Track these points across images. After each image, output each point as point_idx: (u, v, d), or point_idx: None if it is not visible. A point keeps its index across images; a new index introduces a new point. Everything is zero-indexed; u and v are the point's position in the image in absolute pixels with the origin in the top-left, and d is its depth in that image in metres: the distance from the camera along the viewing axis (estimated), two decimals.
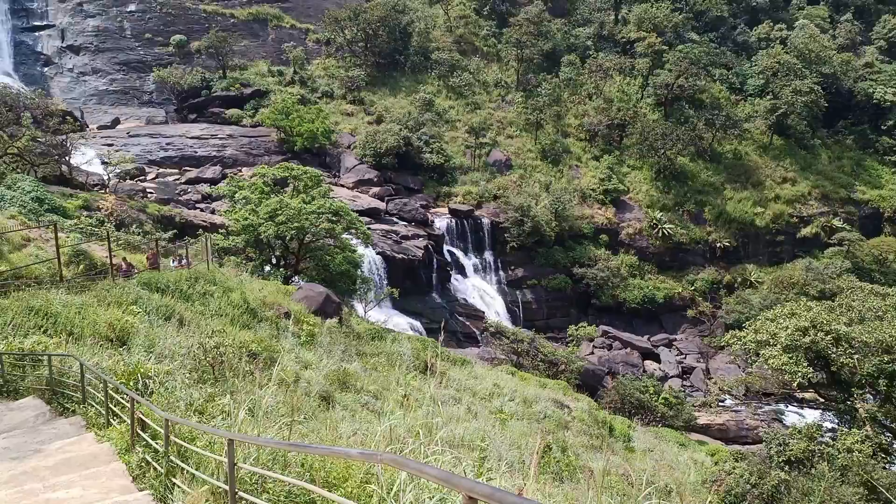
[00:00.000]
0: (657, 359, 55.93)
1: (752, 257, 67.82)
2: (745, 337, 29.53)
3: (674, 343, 59.13)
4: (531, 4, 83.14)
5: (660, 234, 64.41)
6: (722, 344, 55.93)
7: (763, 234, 68.51)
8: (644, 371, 52.48)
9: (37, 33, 73.88)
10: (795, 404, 38.38)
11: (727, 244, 66.09)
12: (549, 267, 61.19)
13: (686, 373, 54.67)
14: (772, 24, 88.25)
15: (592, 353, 54.42)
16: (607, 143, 73.12)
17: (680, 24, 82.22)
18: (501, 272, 61.11)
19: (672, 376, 53.29)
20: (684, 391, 50.41)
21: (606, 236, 64.05)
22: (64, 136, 46.22)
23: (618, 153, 72.15)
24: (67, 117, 55.02)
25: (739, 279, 64.96)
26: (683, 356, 57.17)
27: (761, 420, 45.56)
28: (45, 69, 73.17)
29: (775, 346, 26.71)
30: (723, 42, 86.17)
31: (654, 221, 64.97)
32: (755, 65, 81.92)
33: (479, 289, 59.10)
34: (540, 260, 61.18)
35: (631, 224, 65.60)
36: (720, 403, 48.63)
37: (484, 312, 55.91)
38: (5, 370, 12.18)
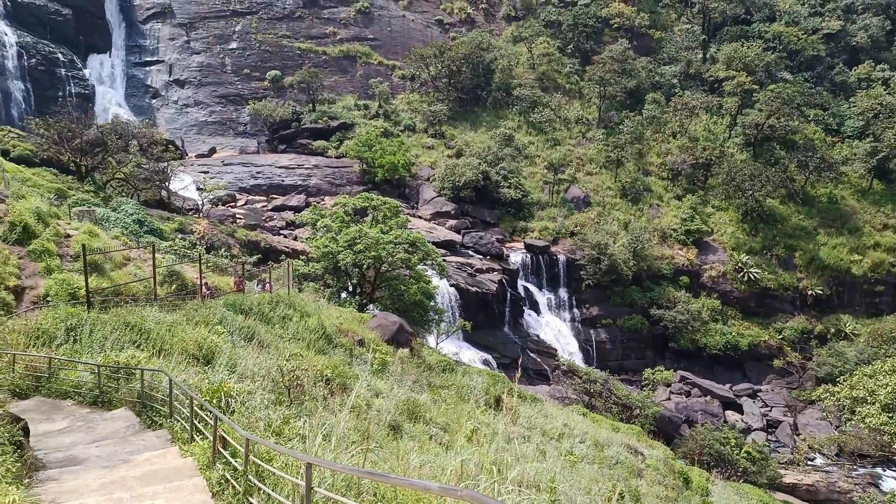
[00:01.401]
0: (739, 409, 53.04)
1: (848, 307, 63.57)
2: (839, 392, 27.67)
3: (758, 394, 55.95)
4: (616, 43, 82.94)
5: (745, 278, 61.61)
6: (812, 398, 52.75)
7: (860, 283, 64.16)
8: (725, 421, 49.85)
9: (147, 68, 79.89)
10: (895, 468, 35.39)
11: (819, 292, 62.38)
12: (626, 307, 59.63)
13: (771, 426, 51.50)
14: (873, 63, 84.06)
15: (669, 398, 52.27)
16: (691, 183, 71.16)
17: (772, 64, 79.73)
18: (575, 310, 60.04)
19: (755, 429, 50.32)
20: (769, 446, 47.42)
21: (687, 278, 61.87)
22: (165, 164, 49.41)
23: (702, 193, 70.00)
24: (170, 146, 58.97)
25: (832, 330, 60.98)
26: (768, 408, 53.95)
27: (855, 483, 42.14)
28: (153, 101, 78.78)
29: (874, 404, 24.89)
30: (819, 82, 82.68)
31: (740, 265, 62.28)
32: (854, 106, 78.11)
33: (552, 326, 58.22)
34: (616, 299, 59.75)
35: (714, 266, 63.09)
36: (809, 462, 45.47)
37: (556, 350, 54.94)
38: (102, 382, 12.96)
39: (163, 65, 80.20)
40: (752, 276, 61.35)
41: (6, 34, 67.90)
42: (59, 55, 71.42)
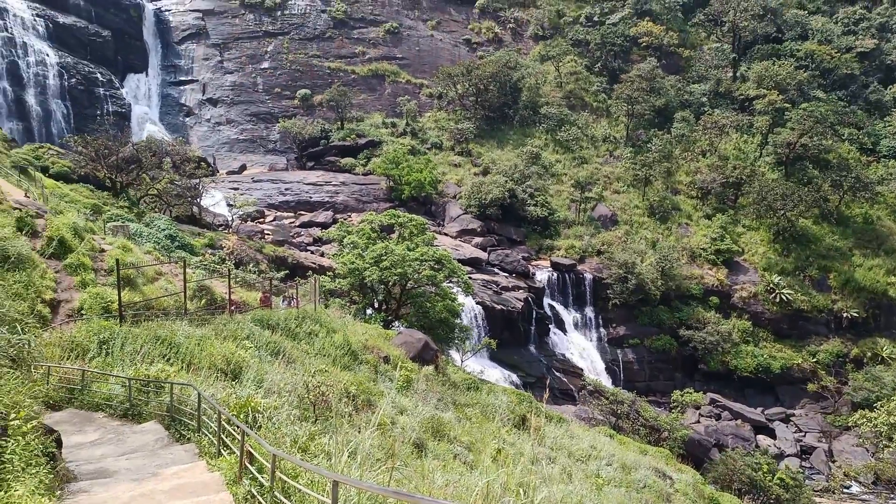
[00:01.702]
0: (772, 434, 51.70)
1: (885, 330, 61.71)
2: (876, 418, 26.82)
3: (791, 418, 54.50)
4: (644, 61, 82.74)
5: (777, 300, 60.32)
6: (848, 424, 51.20)
7: None
8: (756, 446, 48.57)
9: (182, 87, 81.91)
10: None
11: (855, 314, 60.76)
12: (653, 327, 58.79)
13: (805, 452, 50.06)
14: None
15: (698, 421, 51.20)
16: (721, 202, 70.24)
17: (805, 82, 78.70)
18: (602, 329, 59.37)
19: (788, 455, 48.96)
20: (803, 472, 46.04)
21: (717, 298, 60.83)
22: (197, 180, 50.42)
23: (732, 212, 69.01)
24: (202, 163, 60.24)
25: (869, 354, 59.22)
26: (802, 433, 52.49)
27: None
28: (187, 119, 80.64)
29: None
30: (853, 101, 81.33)
31: (772, 285, 61.04)
32: (889, 125, 76.66)
33: (579, 345, 57.63)
34: (643, 319, 58.97)
35: (745, 287, 61.89)
36: (845, 490, 44.05)
37: (582, 370, 54.31)
38: (132, 395, 13.17)
39: (196, 84, 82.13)
40: (784, 298, 60.06)
41: (48, 55, 70.27)
42: (98, 75, 73.63)
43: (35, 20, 71.46)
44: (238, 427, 8.74)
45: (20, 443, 7.08)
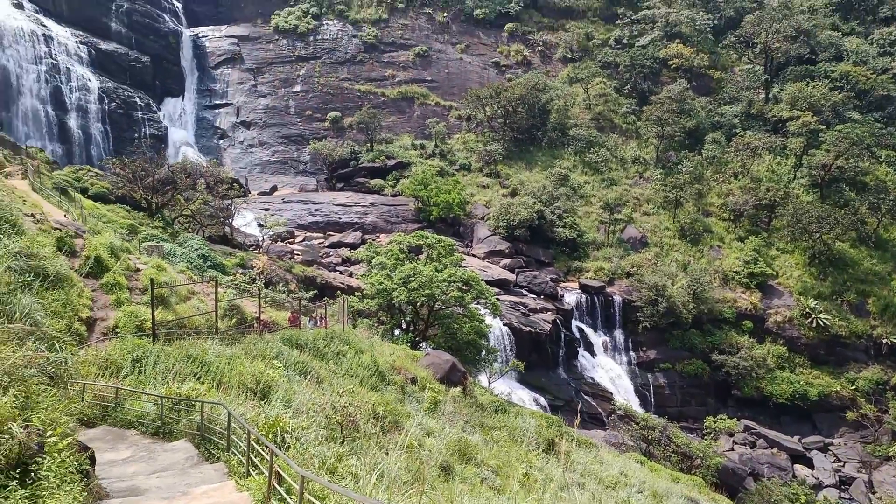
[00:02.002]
0: (809, 464, 50.09)
1: None
2: None
3: (829, 448, 52.76)
4: (674, 83, 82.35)
5: (814, 325, 58.72)
6: (889, 454, 49.42)
7: None
8: (793, 476, 47.10)
9: (216, 110, 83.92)
10: None
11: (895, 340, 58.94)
12: (685, 351, 57.71)
13: (844, 483, 48.33)
14: None
15: (732, 449, 49.89)
16: (753, 224, 69.05)
17: (839, 103, 77.42)
18: (632, 352, 58.47)
19: (827, 485, 47.33)
20: None
21: (750, 322, 59.51)
22: (230, 201, 51.38)
23: (765, 235, 67.76)
24: (234, 184, 61.44)
25: None
26: (841, 464, 50.74)
27: None
28: (220, 141, 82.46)
29: None
30: (890, 122, 79.65)
31: (808, 310, 59.52)
32: None
33: (608, 368, 56.79)
34: (674, 343, 57.94)
35: (779, 311, 60.42)
36: None
37: (612, 393, 53.44)
38: (164, 413, 13.35)
39: (231, 107, 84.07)
40: (821, 323, 58.47)
41: (90, 80, 72.73)
42: (137, 99, 75.88)
43: (79, 47, 74.11)
44: (267, 447, 8.78)
45: (56, 459, 7.21)
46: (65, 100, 70.37)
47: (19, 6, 73.15)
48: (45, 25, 72.43)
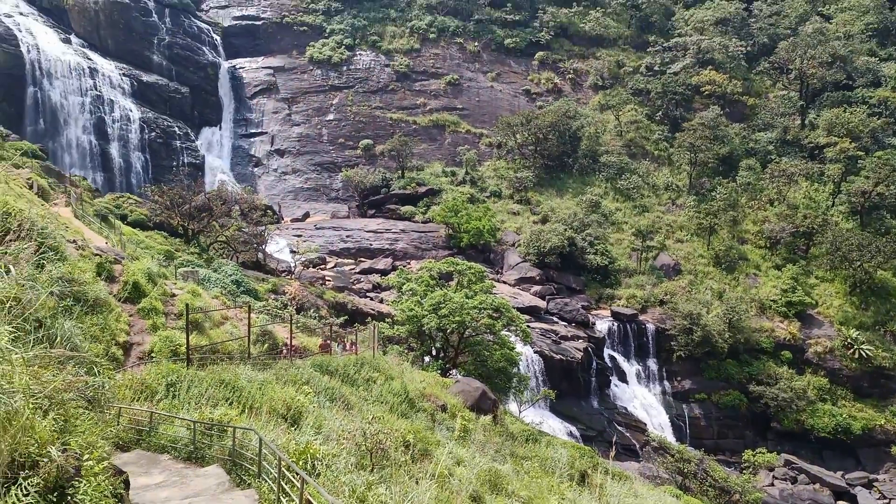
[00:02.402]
0: (853, 500, 48.08)
1: None
2: None
3: (874, 483, 50.62)
4: (707, 110, 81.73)
5: (856, 356, 56.89)
6: None
7: None
8: None
9: (252, 139, 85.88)
10: None
11: None
12: (721, 381, 56.30)
13: None
14: None
15: (772, 484, 48.22)
16: (791, 252, 67.57)
17: (878, 129, 75.91)
18: (666, 382, 57.23)
19: None
20: None
21: (789, 353, 57.88)
22: (263, 227, 52.23)
23: (804, 263, 66.22)
24: (268, 211, 62.47)
25: None
26: (887, 501, 48.59)
27: None
28: (255, 169, 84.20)
29: None
30: None
31: (849, 340, 57.71)
32: None
33: (641, 398, 55.63)
34: (710, 373, 56.60)
35: (819, 341, 58.64)
36: None
37: (646, 424, 52.25)
38: (196, 438, 13.45)
39: (266, 136, 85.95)
40: (863, 354, 56.62)
41: (132, 111, 75.25)
42: (176, 129, 78.19)
43: (122, 79, 76.88)
44: (298, 474, 8.77)
45: (92, 483, 7.29)
46: (107, 130, 72.84)
47: (67, 41, 76.32)
48: (90, 59, 75.35)
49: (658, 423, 53.84)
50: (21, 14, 74.90)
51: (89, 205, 41.93)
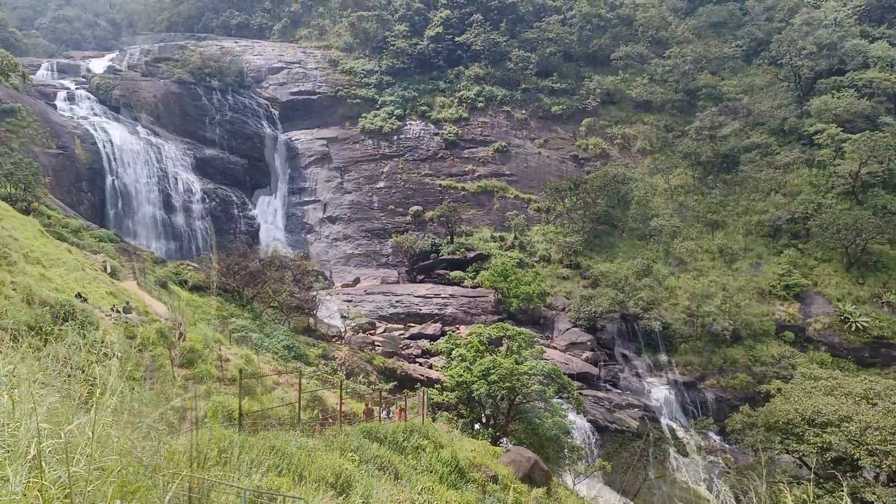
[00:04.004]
0: None
1: None
2: None
3: None
4: (761, 173, 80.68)
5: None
6: None
7: None
8: None
9: (305, 207, 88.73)
10: None
11: None
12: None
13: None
14: None
15: None
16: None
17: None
18: (729, 455, 54.17)
19: None
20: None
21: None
22: (314, 293, 53.17)
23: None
24: (319, 276, 63.70)
25: None
26: None
27: None
28: (307, 235, 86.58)
29: None
30: None
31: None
32: None
33: (701, 470, 52.72)
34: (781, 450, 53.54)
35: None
36: None
37: (708, 501, 49.30)
38: None
39: (318, 203, 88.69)
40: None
41: (194, 183, 79.33)
42: (234, 197, 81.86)
43: (184, 156, 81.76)
44: None
45: None
46: (173, 203, 77.14)
47: (134, 132, 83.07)
48: (154, 143, 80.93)
49: (723, 497, 50.75)
50: (94, 115, 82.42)
51: (152, 274, 43.70)
